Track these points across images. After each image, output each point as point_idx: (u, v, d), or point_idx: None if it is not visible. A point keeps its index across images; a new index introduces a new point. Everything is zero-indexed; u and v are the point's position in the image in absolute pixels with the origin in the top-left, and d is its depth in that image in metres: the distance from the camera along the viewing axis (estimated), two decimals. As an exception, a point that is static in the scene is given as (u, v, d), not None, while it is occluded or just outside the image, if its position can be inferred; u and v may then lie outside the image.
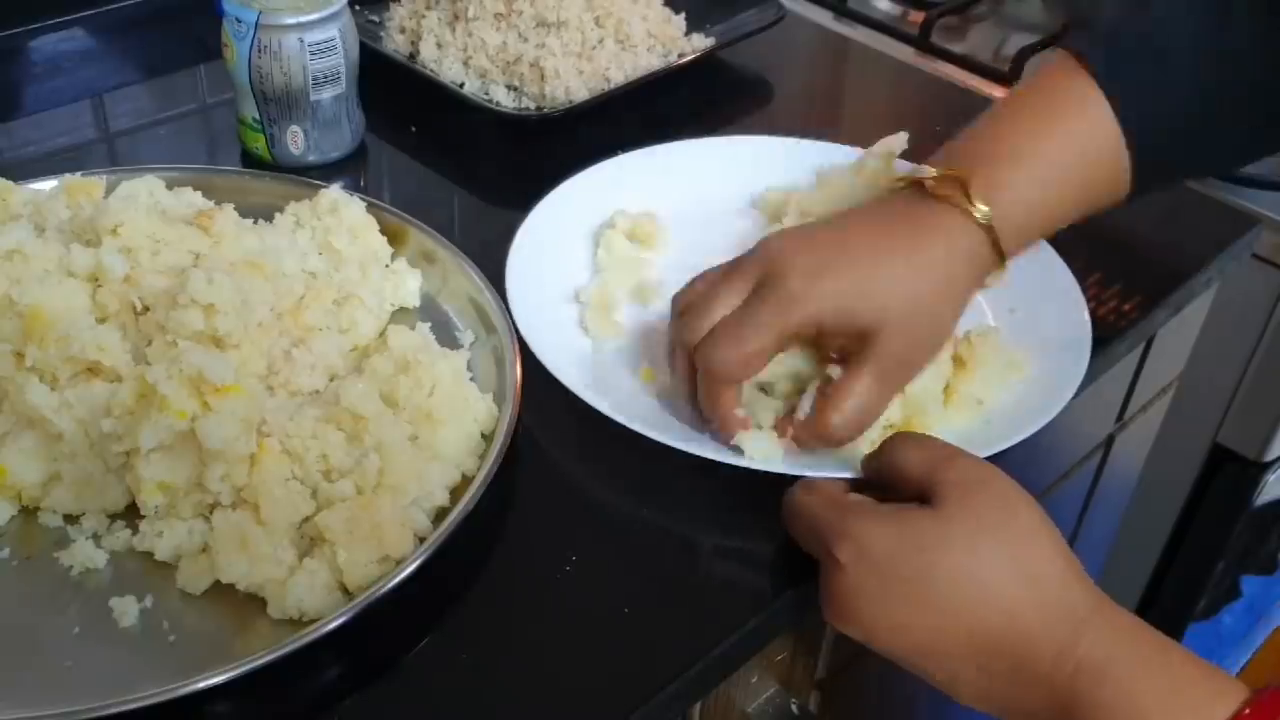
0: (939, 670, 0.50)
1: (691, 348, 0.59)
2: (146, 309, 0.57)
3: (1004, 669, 0.48)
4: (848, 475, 0.59)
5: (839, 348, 0.59)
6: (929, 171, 0.59)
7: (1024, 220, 0.60)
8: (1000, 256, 0.59)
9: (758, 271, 0.58)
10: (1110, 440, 0.96)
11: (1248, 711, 0.43)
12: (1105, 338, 0.71)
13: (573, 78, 0.86)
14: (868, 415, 0.58)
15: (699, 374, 0.60)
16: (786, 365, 0.62)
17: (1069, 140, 0.60)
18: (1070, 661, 0.47)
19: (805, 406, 0.60)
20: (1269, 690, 0.44)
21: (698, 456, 0.60)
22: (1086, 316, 0.69)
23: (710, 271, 0.62)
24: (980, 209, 0.58)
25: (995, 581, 0.48)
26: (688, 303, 0.61)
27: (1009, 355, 0.66)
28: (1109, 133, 0.60)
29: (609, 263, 0.73)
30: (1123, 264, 0.77)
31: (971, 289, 0.60)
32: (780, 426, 0.60)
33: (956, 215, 0.58)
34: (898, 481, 0.54)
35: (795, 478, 0.58)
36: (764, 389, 0.63)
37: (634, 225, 0.75)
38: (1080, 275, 0.73)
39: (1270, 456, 1.08)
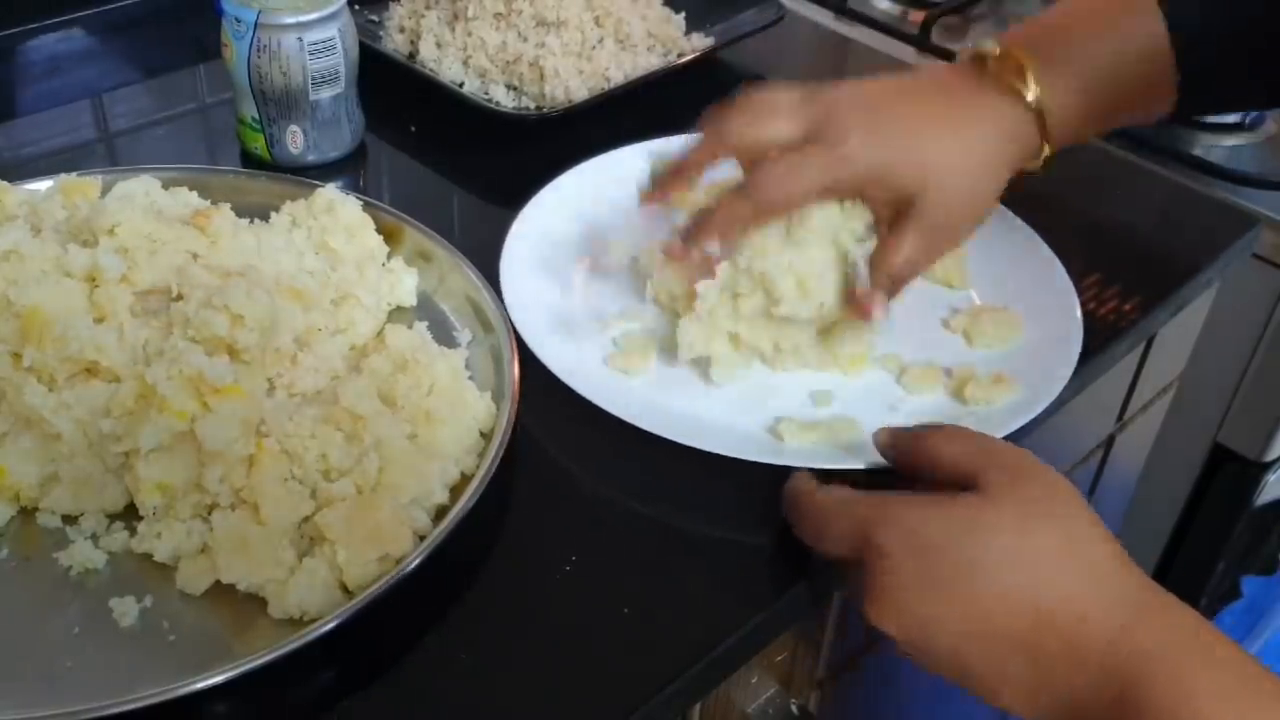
0: (985, 664, 0.48)
1: (739, 147, 0.62)
2: (180, 296, 0.57)
3: (1056, 653, 0.47)
4: (858, 465, 0.59)
5: (882, 206, 0.63)
6: (991, 49, 0.63)
7: (1072, 111, 0.63)
8: (1044, 141, 0.63)
9: (816, 118, 0.61)
10: (1110, 440, 0.96)
11: None
12: (1105, 338, 0.71)
13: (572, 78, 0.86)
14: (914, 268, 0.63)
15: (735, 189, 0.62)
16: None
17: (1121, 40, 0.64)
18: (1126, 645, 0.46)
19: (862, 273, 0.64)
20: None
21: (696, 450, 0.60)
22: (1079, 316, 0.69)
23: (769, 97, 0.64)
24: (1032, 91, 0.62)
25: (1051, 563, 0.48)
26: (745, 112, 0.63)
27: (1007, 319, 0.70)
28: (1158, 34, 0.63)
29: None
30: (1123, 264, 0.77)
31: (1012, 169, 0.64)
32: (850, 296, 0.64)
33: (1008, 98, 0.63)
34: (935, 471, 0.53)
35: (795, 471, 0.59)
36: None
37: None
38: (1080, 275, 0.73)
39: (1270, 456, 1.08)
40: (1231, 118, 1.06)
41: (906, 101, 0.64)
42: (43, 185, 0.68)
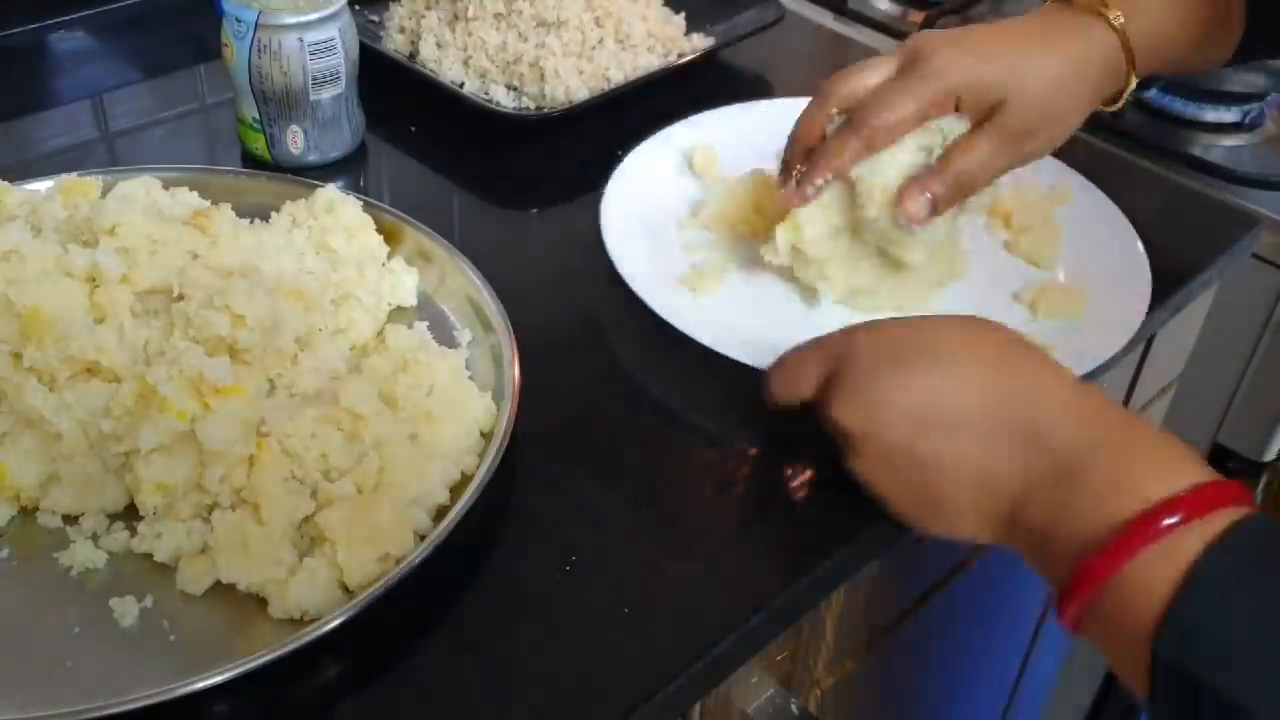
0: (935, 444, 0.51)
1: (841, 100, 0.66)
2: (181, 297, 0.57)
3: (1014, 427, 0.50)
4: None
5: (974, 115, 0.65)
6: None
7: (1152, 38, 0.67)
8: (1130, 67, 0.67)
9: (906, 55, 0.66)
10: (1110, 440, 0.96)
11: (1207, 485, 0.45)
12: (1105, 337, 0.71)
13: (573, 78, 0.86)
14: (984, 169, 0.65)
15: (836, 132, 0.66)
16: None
17: None
18: (1076, 412, 0.49)
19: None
20: (1231, 480, 0.46)
21: (697, 449, 0.60)
22: (1145, 305, 0.71)
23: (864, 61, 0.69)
24: (1116, 15, 0.66)
25: (1005, 356, 0.52)
26: (839, 73, 0.68)
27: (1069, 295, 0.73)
28: None
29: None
30: (1123, 264, 0.77)
31: (1098, 92, 0.67)
32: (905, 186, 0.64)
33: (1095, 22, 0.66)
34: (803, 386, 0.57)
35: (800, 470, 0.59)
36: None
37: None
38: (1080, 275, 0.73)
39: (1270, 456, 1.08)
40: (1231, 117, 1.06)
41: (994, 29, 0.67)
42: (43, 185, 0.68)
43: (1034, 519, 0.49)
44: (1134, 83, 0.67)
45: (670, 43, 0.93)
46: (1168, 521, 0.44)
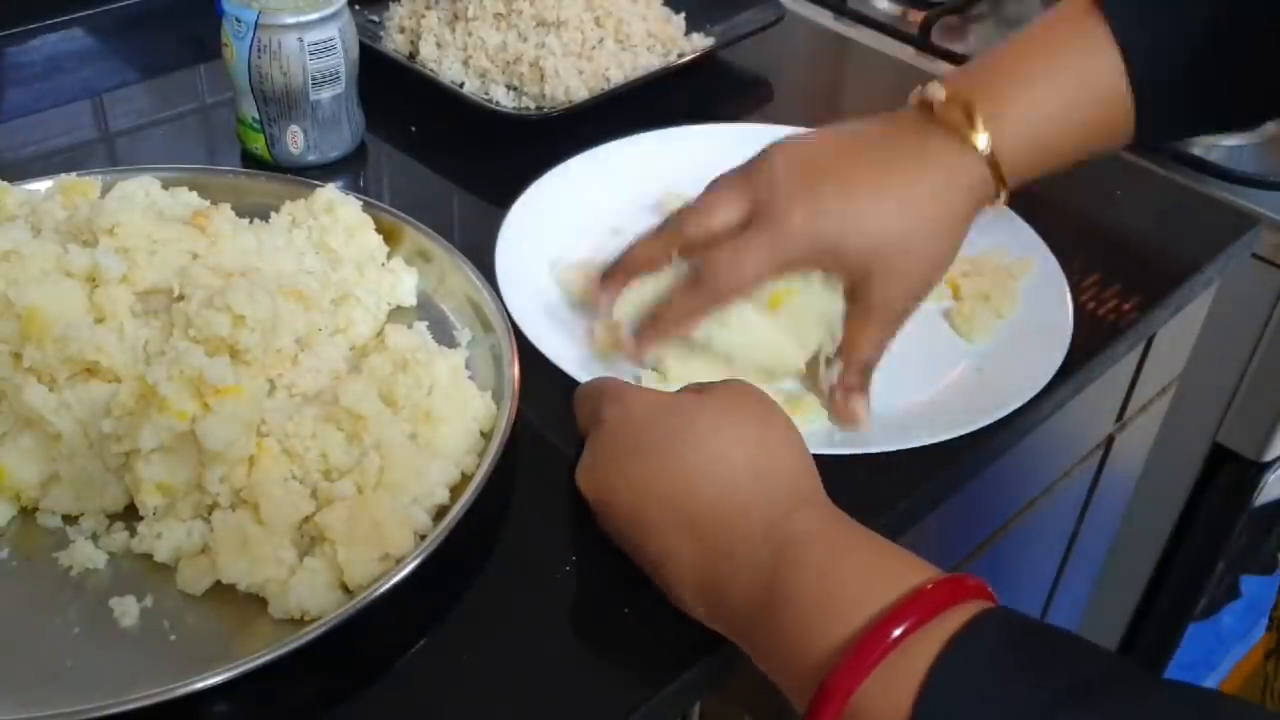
0: (655, 543, 0.51)
1: (688, 241, 0.62)
2: (181, 297, 0.57)
3: (718, 543, 0.49)
4: (863, 450, 0.60)
5: (838, 275, 0.62)
6: (938, 94, 0.61)
7: (1025, 151, 0.62)
8: (1000, 184, 0.62)
9: (758, 196, 0.61)
10: (1110, 440, 0.96)
11: (930, 586, 0.43)
12: (1105, 338, 0.71)
13: (572, 78, 0.86)
14: (882, 347, 0.62)
15: (685, 281, 0.62)
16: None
17: (1073, 75, 0.62)
18: (781, 532, 0.47)
19: (832, 376, 0.63)
20: (958, 574, 0.45)
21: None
22: (1070, 313, 0.69)
23: (712, 184, 0.64)
24: (981, 138, 0.60)
25: (734, 460, 0.50)
26: (690, 211, 0.64)
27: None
28: (1114, 68, 0.61)
29: None
30: (1123, 264, 0.77)
31: (969, 219, 0.62)
32: (833, 406, 0.63)
33: (958, 146, 0.61)
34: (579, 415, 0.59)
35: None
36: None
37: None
38: (1080, 275, 0.73)
39: (1270, 456, 1.08)
40: (1231, 118, 1.06)
41: (849, 162, 0.61)
42: (43, 185, 0.68)
43: (762, 641, 0.47)
44: (1004, 197, 0.62)
45: (670, 43, 0.93)
46: (896, 632, 0.42)
